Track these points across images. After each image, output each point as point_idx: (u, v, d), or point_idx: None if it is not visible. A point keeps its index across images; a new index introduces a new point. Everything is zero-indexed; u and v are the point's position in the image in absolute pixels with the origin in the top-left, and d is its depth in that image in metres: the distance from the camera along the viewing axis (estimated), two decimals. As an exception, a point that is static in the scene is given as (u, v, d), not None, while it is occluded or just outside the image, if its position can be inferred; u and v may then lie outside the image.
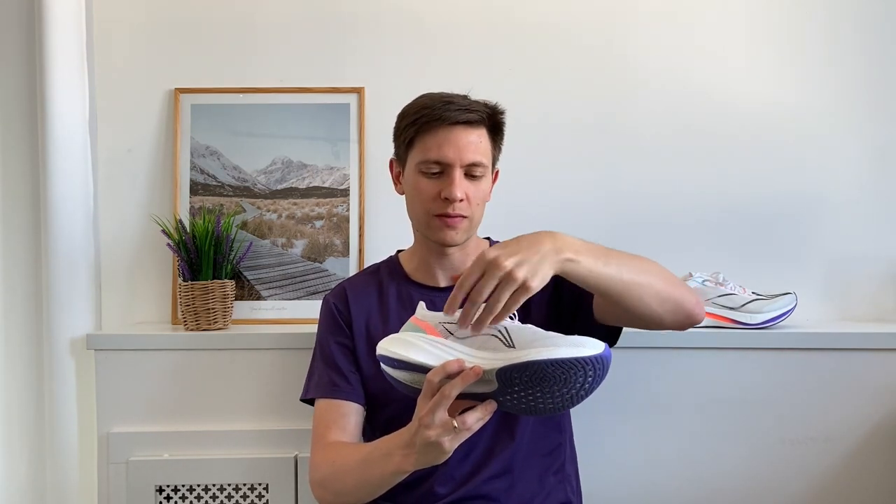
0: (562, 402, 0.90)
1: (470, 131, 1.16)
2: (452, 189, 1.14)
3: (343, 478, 1.11)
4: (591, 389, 0.88)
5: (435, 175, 1.17)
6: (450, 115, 1.15)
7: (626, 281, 1.02)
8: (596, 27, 1.68)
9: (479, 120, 1.17)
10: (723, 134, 1.68)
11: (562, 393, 0.88)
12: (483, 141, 1.18)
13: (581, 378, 0.86)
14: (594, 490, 1.39)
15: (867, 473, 1.45)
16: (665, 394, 1.45)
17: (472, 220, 1.19)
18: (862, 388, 1.44)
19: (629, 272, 1.03)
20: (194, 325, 1.49)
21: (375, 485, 1.07)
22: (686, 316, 1.10)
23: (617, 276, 1.02)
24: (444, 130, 1.15)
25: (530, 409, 0.91)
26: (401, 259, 1.30)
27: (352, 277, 1.34)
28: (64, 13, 1.52)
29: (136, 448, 1.43)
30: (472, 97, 1.19)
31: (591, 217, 1.67)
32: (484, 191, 1.20)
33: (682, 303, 1.08)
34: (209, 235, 1.50)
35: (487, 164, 1.19)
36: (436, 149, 1.16)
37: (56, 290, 1.51)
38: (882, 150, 1.68)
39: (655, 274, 1.07)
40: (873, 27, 1.68)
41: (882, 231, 1.67)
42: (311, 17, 1.68)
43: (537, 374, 0.86)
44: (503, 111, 1.22)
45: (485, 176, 1.19)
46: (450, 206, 1.15)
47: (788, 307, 1.51)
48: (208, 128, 1.66)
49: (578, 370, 0.86)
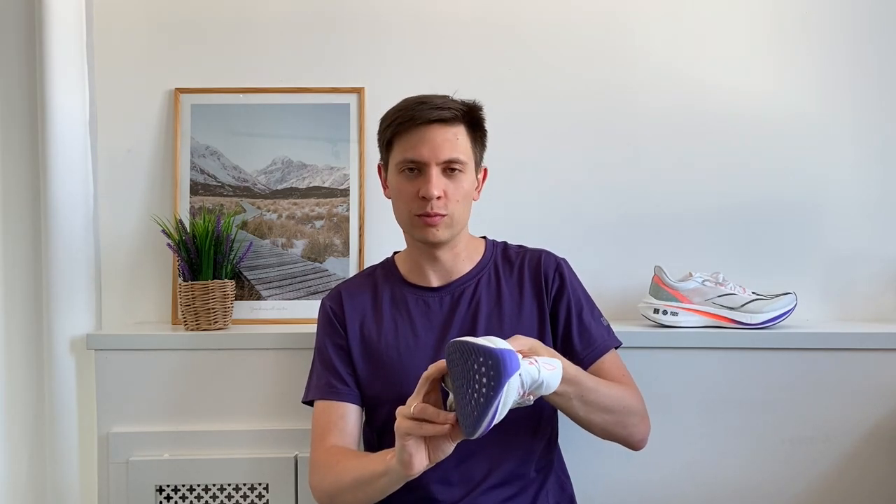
0: (482, 399, 0.89)
1: (445, 129, 1.17)
2: (428, 187, 1.15)
3: (343, 495, 1.12)
4: (491, 386, 0.87)
5: (413, 175, 1.18)
6: (423, 115, 1.15)
7: (578, 417, 1.12)
8: (596, 27, 1.68)
9: (454, 117, 1.17)
10: (723, 134, 1.68)
11: (473, 382, 0.89)
12: (461, 138, 1.18)
13: (475, 365, 0.89)
14: (594, 490, 1.39)
15: (867, 473, 1.45)
16: (665, 394, 1.45)
17: (453, 217, 1.19)
18: (862, 388, 1.44)
19: (587, 412, 1.11)
20: (194, 325, 1.49)
21: (372, 498, 1.09)
22: (627, 445, 1.21)
23: (572, 410, 1.10)
24: (419, 129, 1.16)
25: (473, 406, 0.91)
26: (396, 261, 1.31)
27: (348, 280, 1.35)
28: (64, 13, 1.52)
29: (136, 448, 1.43)
30: (455, 97, 1.20)
31: (591, 217, 1.67)
32: (465, 188, 1.19)
33: (625, 440, 1.19)
34: (209, 235, 1.50)
35: (466, 160, 1.19)
36: (411, 148, 1.17)
37: (56, 290, 1.50)
38: (882, 150, 1.68)
39: (613, 418, 1.14)
40: (874, 27, 1.68)
41: (882, 231, 1.67)
42: (311, 17, 1.68)
43: (450, 354, 0.94)
44: (481, 107, 1.22)
45: (465, 173, 1.19)
46: (428, 204, 1.16)
47: (788, 307, 1.51)
48: (208, 128, 1.66)
49: (472, 356, 0.90)
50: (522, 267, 1.26)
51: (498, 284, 1.25)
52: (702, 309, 1.50)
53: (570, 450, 1.33)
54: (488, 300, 1.23)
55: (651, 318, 1.52)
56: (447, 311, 1.23)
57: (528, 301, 1.24)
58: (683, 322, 1.49)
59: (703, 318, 1.50)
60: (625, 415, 1.16)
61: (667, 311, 1.50)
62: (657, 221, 1.67)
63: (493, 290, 1.24)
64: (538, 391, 0.95)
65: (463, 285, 1.24)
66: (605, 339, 1.24)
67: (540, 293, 1.24)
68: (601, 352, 1.23)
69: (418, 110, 1.16)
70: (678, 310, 1.50)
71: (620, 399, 1.15)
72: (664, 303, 1.51)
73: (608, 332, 1.26)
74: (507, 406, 0.90)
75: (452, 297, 1.24)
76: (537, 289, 1.24)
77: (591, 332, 1.23)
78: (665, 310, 1.50)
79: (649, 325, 1.52)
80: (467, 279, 1.25)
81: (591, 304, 1.28)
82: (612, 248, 1.67)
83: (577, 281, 1.29)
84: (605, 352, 1.23)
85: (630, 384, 1.22)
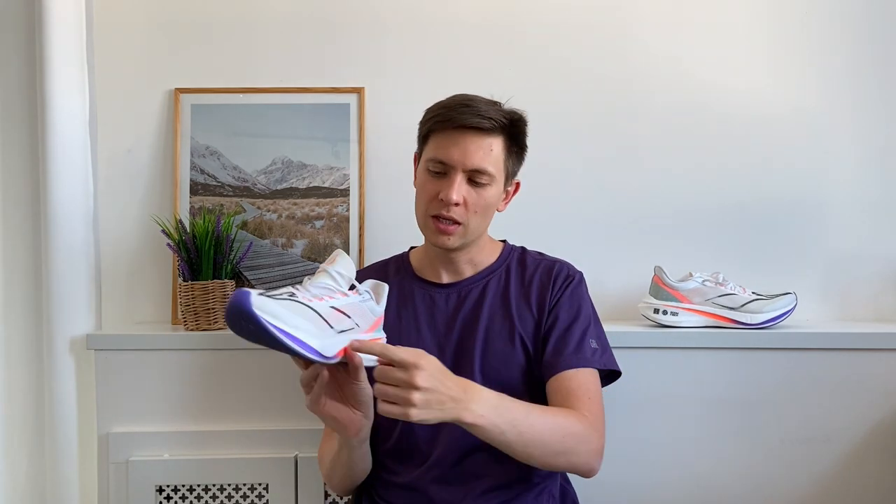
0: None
1: (481, 137, 1.15)
2: (449, 191, 1.14)
3: (333, 477, 1.20)
4: (244, 334, 0.87)
5: (438, 175, 1.17)
6: (461, 118, 1.14)
7: (516, 452, 1.05)
8: (596, 28, 1.68)
9: (493, 128, 1.15)
10: (723, 134, 1.68)
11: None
12: (495, 150, 1.16)
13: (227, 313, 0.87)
14: (594, 490, 1.39)
15: (867, 473, 1.45)
16: (665, 394, 1.45)
17: (467, 228, 1.18)
18: (862, 388, 1.44)
19: (524, 445, 1.04)
20: (194, 325, 1.49)
21: (351, 471, 1.16)
22: (578, 473, 1.13)
23: (508, 445, 1.03)
24: (454, 132, 1.15)
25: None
26: (411, 255, 1.31)
27: (360, 270, 1.36)
28: (64, 13, 1.52)
29: (136, 448, 1.43)
30: (506, 105, 1.19)
31: (591, 217, 1.67)
32: (487, 200, 1.18)
33: (571, 469, 1.12)
34: (209, 235, 1.50)
35: (495, 173, 1.17)
36: (442, 149, 1.16)
37: (56, 290, 1.50)
38: (882, 150, 1.68)
39: (552, 447, 1.07)
40: (873, 27, 1.68)
41: (882, 231, 1.68)
42: (311, 17, 1.68)
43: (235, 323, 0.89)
44: (525, 122, 1.20)
45: (490, 185, 1.17)
46: (445, 207, 1.15)
47: (788, 307, 1.51)
48: (208, 128, 1.66)
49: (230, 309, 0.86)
50: (534, 273, 1.24)
51: (506, 288, 1.24)
52: (702, 309, 1.50)
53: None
54: (493, 302, 1.23)
55: (651, 318, 1.52)
56: (452, 309, 1.23)
57: (532, 306, 1.22)
58: (683, 322, 1.49)
59: (703, 318, 1.50)
60: (566, 440, 1.07)
61: (667, 311, 1.50)
62: (657, 221, 1.67)
63: (500, 293, 1.23)
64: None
65: (471, 285, 1.24)
66: (581, 356, 1.17)
67: (543, 300, 1.22)
68: (568, 365, 1.15)
69: (458, 112, 1.15)
70: (678, 310, 1.50)
71: (557, 425, 1.07)
72: (664, 303, 1.51)
73: (592, 353, 1.18)
74: (301, 327, 0.88)
75: (459, 295, 1.24)
76: (542, 296, 1.22)
77: (567, 345, 1.18)
78: (665, 310, 1.50)
79: (649, 325, 1.52)
80: (477, 279, 1.25)
81: (589, 323, 1.21)
82: (612, 248, 1.67)
83: (585, 297, 1.25)
84: (575, 367, 1.15)
85: (585, 409, 1.12)
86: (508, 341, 1.19)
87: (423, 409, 0.94)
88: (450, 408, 0.96)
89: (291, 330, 0.87)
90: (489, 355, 1.19)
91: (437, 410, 0.95)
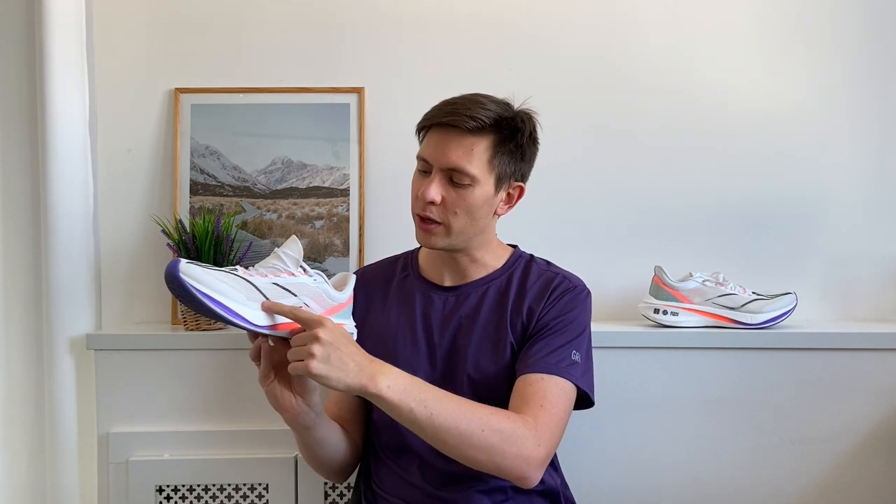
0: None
1: (461, 137, 1.13)
2: (425, 190, 1.14)
3: (310, 462, 1.22)
4: (180, 298, 0.93)
5: (424, 174, 1.17)
6: (441, 117, 1.14)
7: (427, 435, 1.01)
8: (596, 29, 1.68)
9: (477, 128, 1.12)
10: (723, 134, 1.68)
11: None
12: (478, 149, 1.13)
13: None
14: (593, 490, 1.39)
15: (867, 473, 1.45)
16: (665, 394, 1.45)
17: (450, 228, 1.15)
18: (862, 388, 1.45)
19: (434, 429, 1.00)
20: (194, 325, 1.49)
21: (315, 453, 1.18)
22: (510, 479, 1.06)
23: (417, 425, 1.00)
24: (437, 131, 1.16)
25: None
26: (419, 254, 1.31)
27: (370, 265, 1.36)
28: (64, 13, 1.52)
29: (136, 448, 1.43)
30: (511, 100, 1.19)
31: (591, 217, 1.67)
32: (469, 201, 1.14)
33: (499, 472, 1.04)
34: (209, 235, 1.50)
35: (477, 174, 1.13)
36: (426, 147, 1.17)
37: (56, 290, 1.50)
38: (882, 150, 1.68)
39: (470, 439, 1.01)
40: (873, 27, 1.68)
41: (882, 231, 1.68)
42: (311, 17, 1.68)
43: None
44: (523, 121, 1.17)
45: (473, 186, 1.14)
46: (425, 206, 1.15)
47: (788, 307, 1.51)
48: (208, 128, 1.66)
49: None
50: (535, 283, 1.21)
51: (505, 295, 1.21)
52: (702, 309, 1.50)
53: (570, 451, 1.33)
54: (489, 309, 1.21)
55: (651, 318, 1.52)
56: (448, 312, 1.22)
57: (523, 314, 1.19)
58: (683, 322, 1.49)
59: (703, 318, 1.50)
60: (487, 435, 1.01)
61: (667, 311, 1.50)
62: (657, 221, 1.67)
63: (497, 300, 1.21)
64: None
65: (471, 290, 1.23)
66: (553, 363, 1.11)
67: (536, 308, 1.18)
68: (535, 369, 1.10)
69: (441, 111, 1.15)
70: (678, 310, 1.50)
71: (477, 417, 1.01)
72: (664, 303, 1.51)
73: (570, 365, 1.12)
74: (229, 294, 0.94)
75: (457, 298, 1.23)
76: (535, 304, 1.19)
77: (543, 349, 1.13)
78: (665, 310, 1.50)
79: (649, 325, 1.52)
80: (478, 284, 1.23)
81: (576, 336, 1.16)
82: (612, 248, 1.67)
83: (582, 312, 1.19)
84: (541, 373, 1.10)
85: (531, 414, 1.06)
86: (500, 349, 1.17)
87: (324, 364, 0.95)
88: (353, 371, 0.97)
89: (215, 295, 0.92)
90: (480, 362, 1.18)
91: (339, 370, 0.96)
